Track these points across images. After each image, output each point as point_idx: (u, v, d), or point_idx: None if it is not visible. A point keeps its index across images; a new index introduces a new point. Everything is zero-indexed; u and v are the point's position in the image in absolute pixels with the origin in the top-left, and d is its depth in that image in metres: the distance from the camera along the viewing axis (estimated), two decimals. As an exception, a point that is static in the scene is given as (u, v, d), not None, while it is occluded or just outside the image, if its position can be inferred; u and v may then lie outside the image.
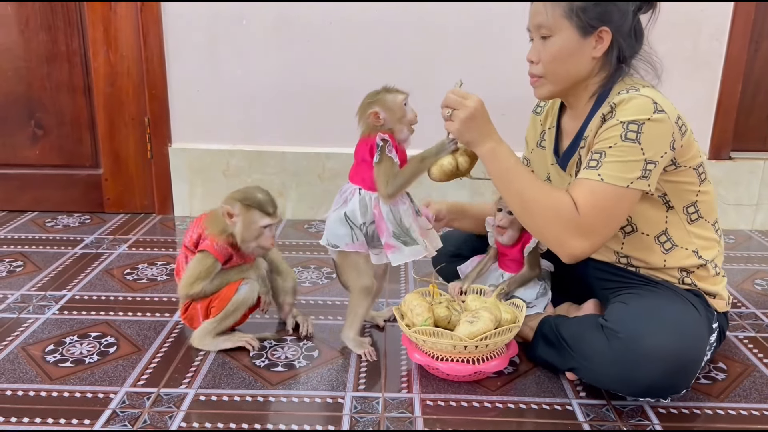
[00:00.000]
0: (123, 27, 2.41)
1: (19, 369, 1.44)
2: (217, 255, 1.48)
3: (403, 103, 1.44)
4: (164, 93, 2.46)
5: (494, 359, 1.39)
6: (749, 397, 1.38)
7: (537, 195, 1.30)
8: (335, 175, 2.49)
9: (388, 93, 1.44)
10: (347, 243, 1.45)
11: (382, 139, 1.41)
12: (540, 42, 1.34)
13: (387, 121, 1.43)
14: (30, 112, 2.51)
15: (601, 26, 1.29)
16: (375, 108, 1.42)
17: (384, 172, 1.41)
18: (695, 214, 1.38)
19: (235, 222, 1.46)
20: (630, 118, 1.25)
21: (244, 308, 1.52)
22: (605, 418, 1.29)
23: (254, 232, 1.46)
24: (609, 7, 1.29)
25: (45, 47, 2.44)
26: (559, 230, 1.28)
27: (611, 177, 1.25)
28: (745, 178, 2.51)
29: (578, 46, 1.31)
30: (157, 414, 1.28)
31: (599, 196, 1.26)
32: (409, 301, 1.46)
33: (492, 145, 1.32)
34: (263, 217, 1.45)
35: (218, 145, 2.53)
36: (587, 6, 1.28)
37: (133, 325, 1.66)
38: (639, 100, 1.26)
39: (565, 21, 1.30)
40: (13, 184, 2.58)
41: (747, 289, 1.97)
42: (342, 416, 1.29)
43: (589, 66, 1.34)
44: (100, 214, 2.60)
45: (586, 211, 1.26)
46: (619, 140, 1.25)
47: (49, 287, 1.88)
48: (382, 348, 1.56)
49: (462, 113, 1.31)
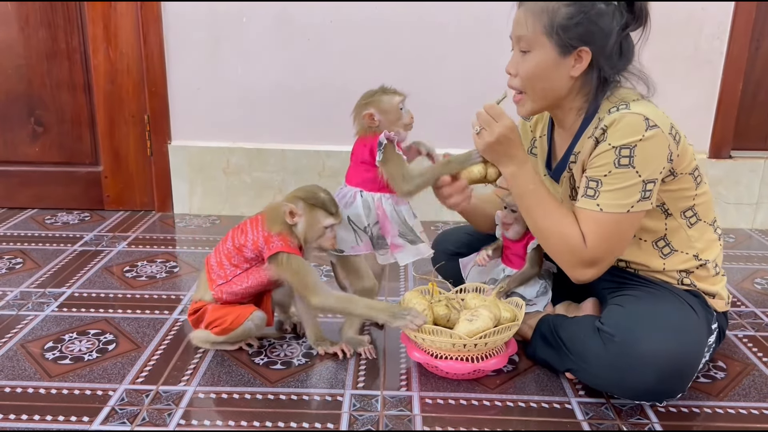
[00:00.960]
0: (123, 24, 2.41)
1: (18, 366, 1.44)
2: (294, 253, 1.41)
3: (399, 106, 1.43)
4: (164, 90, 2.46)
5: (493, 357, 1.39)
6: (748, 396, 1.38)
7: (549, 224, 1.32)
8: (335, 173, 2.49)
9: (384, 94, 1.44)
10: (352, 246, 1.45)
11: (388, 138, 1.40)
12: (519, 55, 1.33)
13: (382, 123, 1.42)
14: (30, 109, 2.51)
15: (581, 46, 1.27)
16: (370, 109, 1.42)
17: (396, 169, 1.41)
18: (694, 218, 1.37)
19: (297, 222, 1.42)
20: (621, 143, 1.23)
21: (245, 339, 1.51)
22: (604, 416, 1.29)
23: (317, 231, 1.42)
24: (591, 28, 1.26)
25: (45, 44, 2.44)
26: (567, 259, 1.33)
27: (610, 206, 1.26)
28: (746, 177, 2.51)
29: (555, 65, 1.29)
30: (156, 411, 1.28)
31: (603, 226, 1.27)
32: (408, 299, 1.46)
33: (513, 169, 1.34)
34: (327, 216, 1.41)
35: (218, 143, 2.52)
36: (568, 25, 1.25)
37: (133, 323, 1.66)
38: (629, 119, 1.24)
39: (544, 38, 1.28)
40: (13, 181, 2.58)
41: (747, 288, 1.97)
42: (341, 414, 1.29)
43: (567, 84, 1.32)
44: (99, 211, 2.60)
45: (593, 243, 1.28)
46: (612, 167, 1.25)
47: (48, 284, 1.88)
48: (381, 346, 1.56)
49: (488, 136, 1.31)
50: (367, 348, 1.50)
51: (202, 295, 1.50)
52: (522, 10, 1.31)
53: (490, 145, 1.32)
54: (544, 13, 1.27)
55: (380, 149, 1.40)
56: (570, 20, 1.25)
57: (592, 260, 1.30)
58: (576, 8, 1.25)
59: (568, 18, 1.25)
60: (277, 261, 1.40)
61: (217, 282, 1.46)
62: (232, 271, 1.45)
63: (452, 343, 1.35)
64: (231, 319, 1.44)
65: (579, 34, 1.26)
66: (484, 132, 1.32)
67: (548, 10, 1.27)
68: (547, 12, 1.27)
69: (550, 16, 1.26)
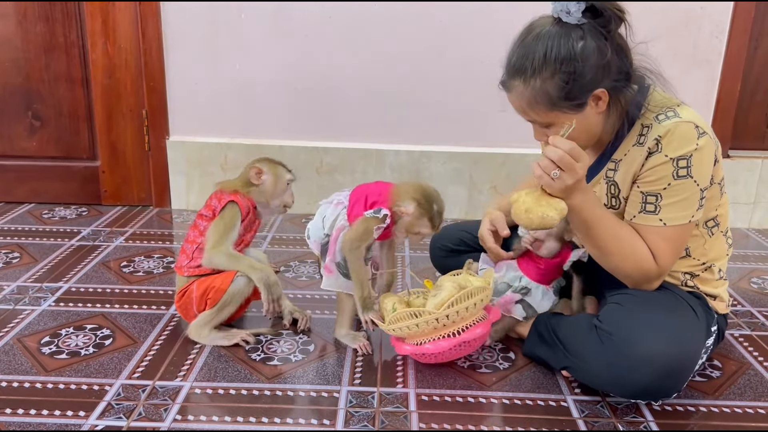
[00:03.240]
0: (121, 19, 2.40)
1: (14, 360, 1.44)
2: (240, 206, 1.53)
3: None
4: (162, 85, 2.46)
5: (476, 326, 1.36)
6: (744, 395, 1.39)
7: (620, 247, 1.28)
8: (332, 169, 2.49)
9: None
10: (315, 240, 1.51)
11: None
12: (541, 128, 1.28)
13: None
14: (28, 103, 2.50)
15: (592, 92, 1.21)
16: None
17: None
18: (715, 228, 1.38)
19: (265, 179, 1.57)
20: (678, 154, 1.22)
21: (240, 299, 1.51)
22: (600, 414, 1.30)
23: (282, 186, 1.59)
24: (588, 75, 1.18)
25: (43, 38, 2.43)
26: (637, 278, 1.31)
27: (673, 219, 1.25)
28: (743, 177, 2.51)
29: (581, 119, 1.23)
30: (153, 407, 1.28)
31: (670, 240, 1.27)
32: (381, 301, 1.47)
33: (580, 198, 1.23)
34: (287, 172, 1.61)
35: (216, 139, 2.52)
36: (567, 91, 1.19)
37: (129, 318, 1.66)
38: (683, 129, 1.22)
39: (554, 113, 1.22)
40: (10, 175, 2.58)
41: (743, 287, 1.98)
42: (337, 410, 1.29)
43: (600, 121, 1.28)
44: (97, 206, 2.60)
45: (664, 259, 1.28)
46: (671, 179, 1.23)
47: (45, 279, 1.88)
48: (377, 343, 1.56)
49: (570, 179, 1.18)
50: (363, 344, 1.51)
51: (181, 285, 1.56)
52: (513, 98, 1.26)
53: (570, 187, 1.19)
54: (536, 97, 1.21)
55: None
56: (565, 86, 1.19)
57: (660, 274, 1.30)
58: (562, 71, 1.18)
59: (561, 87, 1.19)
60: (222, 210, 1.52)
61: (183, 263, 1.55)
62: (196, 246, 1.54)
63: (425, 321, 1.32)
64: (220, 281, 1.50)
65: (581, 89, 1.20)
66: (564, 175, 1.17)
67: (538, 92, 1.20)
68: (538, 94, 1.21)
69: (544, 98, 1.21)
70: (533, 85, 1.21)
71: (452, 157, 2.49)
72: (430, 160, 2.49)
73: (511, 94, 1.26)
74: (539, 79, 1.20)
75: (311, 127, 2.50)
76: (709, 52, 2.40)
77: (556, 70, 1.18)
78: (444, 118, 2.47)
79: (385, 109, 2.46)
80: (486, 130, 2.45)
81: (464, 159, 2.48)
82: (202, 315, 1.52)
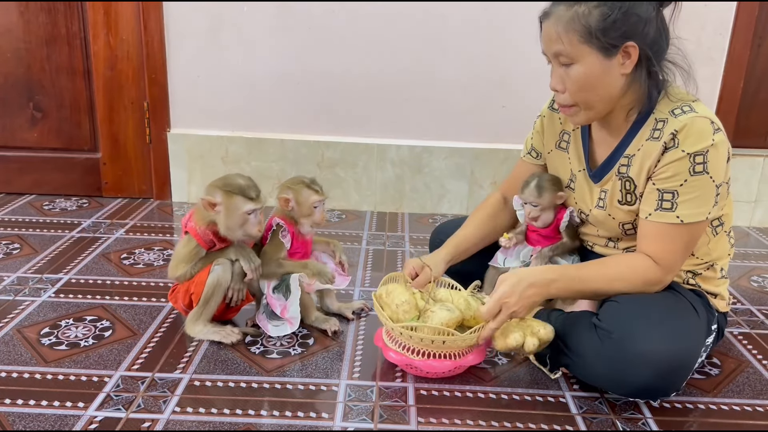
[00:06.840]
0: (123, 10, 2.39)
1: (14, 351, 1.44)
2: (199, 240, 1.47)
3: (314, 204, 1.53)
4: (164, 78, 2.45)
5: (470, 354, 1.36)
6: (742, 392, 1.39)
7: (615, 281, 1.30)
8: (334, 164, 2.48)
9: (306, 188, 1.53)
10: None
11: (277, 224, 1.54)
12: (561, 69, 1.25)
13: (295, 211, 1.54)
14: (29, 94, 2.50)
15: (625, 42, 1.20)
16: (288, 194, 1.53)
17: (271, 252, 1.54)
18: (720, 228, 1.37)
19: (219, 211, 1.43)
20: (695, 149, 1.21)
21: (223, 288, 1.48)
22: (598, 411, 1.30)
23: (239, 218, 1.43)
24: (631, 19, 1.18)
25: (45, 29, 2.43)
26: (646, 287, 1.31)
27: (691, 216, 1.25)
28: (745, 175, 2.51)
29: (605, 68, 1.22)
30: (152, 398, 1.29)
31: (680, 237, 1.27)
32: (392, 291, 1.41)
33: (553, 288, 1.29)
34: (246, 202, 1.42)
35: (217, 132, 2.52)
36: (606, 26, 1.18)
37: (129, 310, 1.66)
38: (699, 124, 1.21)
39: (584, 46, 1.20)
40: (11, 166, 2.58)
41: (743, 285, 1.98)
42: (336, 404, 1.29)
43: (621, 83, 1.26)
44: (97, 198, 2.60)
45: (668, 260, 1.28)
46: (688, 175, 1.23)
47: (45, 270, 1.88)
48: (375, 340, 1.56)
49: (522, 310, 1.27)
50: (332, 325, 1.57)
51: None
52: (550, 24, 1.23)
53: (534, 303, 1.29)
54: (575, 22, 1.20)
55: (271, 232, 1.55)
56: (606, 20, 1.18)
57: (669, 275, 1.30)
58: (608, 5, 1.18)
59: (603, 19, 1.18)
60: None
61: None
62: None
63: (420, 338, 1.31)
64: (199, 279, 1.47)
65: (620, 31, 1.19)
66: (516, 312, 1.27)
67: (579, 17, 1.19)
68: (578, 19, 1.19)
69: (583, 23, 1.19)
70: (576, 10, 1.20)
71: (454, 153, 2.48)
72: (431, 156, 2.49)
73: (548, 21, 1.24)
74: (584, 5, 1.20)
75: (313, 121, 2.49)
76: (712, 50, 2.39)
77: (602, 2, 1.19)
78: (446, 114, 2.47)
79: (387, 104, 2.46)
80: (487, 126, 2.44)
81: (466, 154, 2.48)
82: (192, 312, 1.51)
